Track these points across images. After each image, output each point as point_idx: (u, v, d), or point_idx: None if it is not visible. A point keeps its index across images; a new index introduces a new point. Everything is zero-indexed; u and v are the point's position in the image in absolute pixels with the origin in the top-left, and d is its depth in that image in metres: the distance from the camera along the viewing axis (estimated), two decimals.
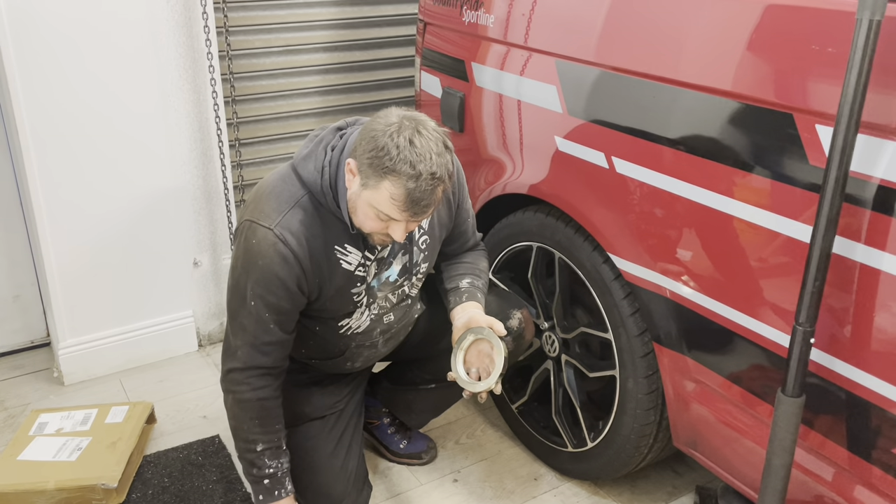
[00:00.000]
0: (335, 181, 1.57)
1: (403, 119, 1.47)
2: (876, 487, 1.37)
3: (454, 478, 2.13)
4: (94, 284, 2.46)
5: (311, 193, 1.59)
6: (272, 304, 1.59)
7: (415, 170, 1.43)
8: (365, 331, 1.79)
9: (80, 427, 2.15)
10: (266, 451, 1.68)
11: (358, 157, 1.49)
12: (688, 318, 1.63)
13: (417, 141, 1.44)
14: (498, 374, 1.64)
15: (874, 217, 1.26)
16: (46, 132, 2.25)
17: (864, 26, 1.15)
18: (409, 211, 1.47)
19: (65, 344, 2.48)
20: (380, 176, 1.45)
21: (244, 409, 1.66)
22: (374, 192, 1.47)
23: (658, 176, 1.60)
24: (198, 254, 2.65)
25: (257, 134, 2.72)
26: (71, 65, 2.23)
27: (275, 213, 1.57)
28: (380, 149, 1.44)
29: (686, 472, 2.15)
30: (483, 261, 1.92)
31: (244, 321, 1.61)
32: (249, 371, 1.64)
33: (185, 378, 2.56)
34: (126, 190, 2.42)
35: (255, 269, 1.57)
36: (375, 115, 1.52)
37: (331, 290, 1.65)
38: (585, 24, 1.74)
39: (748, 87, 1.41)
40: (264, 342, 1.62)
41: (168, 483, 2.07)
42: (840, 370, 1.37)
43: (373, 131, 1.47)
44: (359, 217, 1.55)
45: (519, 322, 1.86)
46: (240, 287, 1.61)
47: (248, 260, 1.58)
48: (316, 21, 2.71)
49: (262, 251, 1.56)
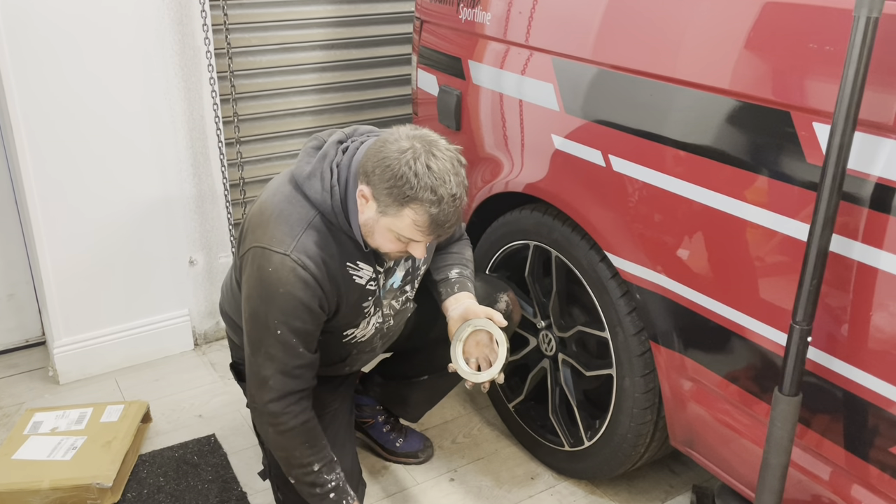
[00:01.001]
0: (345, 200, 1.55)
1: (415, 142, 1.46)
2: (873, 487, 1.36)
3: (451, 477, 2.13)
4: (90, 283, 2.45)
5: (321, 214, 1.57)
6: (298, 328, 1.57)
7: (436, 195, 1.43)
8: (367, 338, 1.79)
9: (74, 426, 2.14)
10: (323, 468, 1.66)
11: (373, 184, 1.47)
12: (685, 317, 1.63)
13: (434, 164, 1.43)
14: (500, 364, 1.66)
15: (871, 215, 1.26)
16: (41, 130, 2.25)
17: (861, 24, 1.15)
18: (434, 234, 1.49)
19: (60, 343, 2.47)
20: (401, 204, 1.44)
21: (291, 437, 1.63)
22: (396, 220, 1.47)
23: (655, 174, 1.59)
24: (194, 252, 2.64)
25: (255, 132, 2.71)
26: (68, 62, 2.22)
27: (288, 238, 1.54)
28: (398, 178, 1.42)
29: (683, 471, 2.14)
30: (468, 249, 1.93)
31: (271, 350, 1.58)
32: (287, 399, 1.61)
33: (180, 377, 2.55)
34: (122, 188, 2.41)
35: (277, 297, 1.54)
36: (384, 138, 1.49)
37: (346, 307, 1.66)
38: (582, 22, 1.73)
39: (745, 84, 1.41)
40: (295, 366, 1.60)
41: (163, 482, 2.06)
42: (837, 369, 1.36)
43: (385, 158, 1.45)
44: (376, 240, 1.55)
45: (507, 305, 1.88)
46: (261, 317, 1.57)
47: (267, 289, 1.55)
48: (313, 18, 2.70)
49: (281, 278, 1.53)
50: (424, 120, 2.36)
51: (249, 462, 2.14)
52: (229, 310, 1.86)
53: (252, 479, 2.06)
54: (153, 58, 2.36)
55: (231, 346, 1.96)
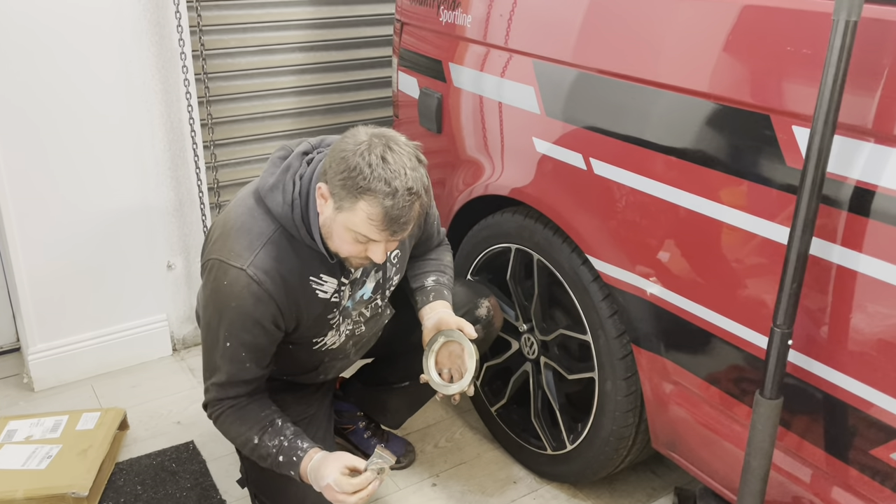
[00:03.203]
0: (307, 213, 1.53)
1: (373, 136, 1.43)
2: (853, 489, 1.37)
3: (433, 482, 2.12)
4: (65, 288, 2.41)
5: (283, 227, 1.54)
6: (248, 342, 1.56)
7: (390, 187, 1.39)
8: (339, 345, 1.78)
9: (50, 434, 2.10)
10: (264, 437, 1.63)
11: (329, 180, 1.44)
12: (666, 320, 1.63)
13: (390, 157, 1.41)
14: (471, 377, 1.66)
15: (850, 218, 1.26)
16: (16, 132, 2.21)
17: (840, 27, 1.15)
18: (389, 230, 1.44)
19: (35, 349, 2.43)
20: (354, 197, 1.41)
21: (228, 424, 1.66)
22: (350, 214, 1.43)
23: (636, 177, 1.59)
24: (171, 256, 2.61)
25: (233, 135, 2.69)
26: (42, 59, 2.19)
27: (246, 252, 1.52)
28: (352, 168, 1.40)
29: (665, 473, 2.15)
30: (447, 255, 1.91)
31: (218, 362, 1.59)
32: (224, 402, 1.65)
33: (158, 383, 2.52)
34: (97, 191, 2.38)
35: (229, 311, 1.53)
36: (343, 136, 1.47)
37: (308, 321, 1.64)
38: (563, 25, 1.73)
39: (725, 88, 1.41)
40: (241, 380, 1.61)
41: (141, 490, 2.03)
42: (818, 371, 1.37)
43: (342, 152, 1.43)
44: (335, 242, 1.51)
45: (487, 310, 1.88)
46: (212, 328, 1.57)
47: (221, 301, 1.54)
48: (291, 21, 2.68)
49: (234, 293, 1.52)
50: (405, 122, 2.35)
51: (229, 469, 2.11)
52: None
53: (231, 487, 2.03)
54: (129, 60, 2.33)
55: None
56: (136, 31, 2.33)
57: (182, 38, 2.39)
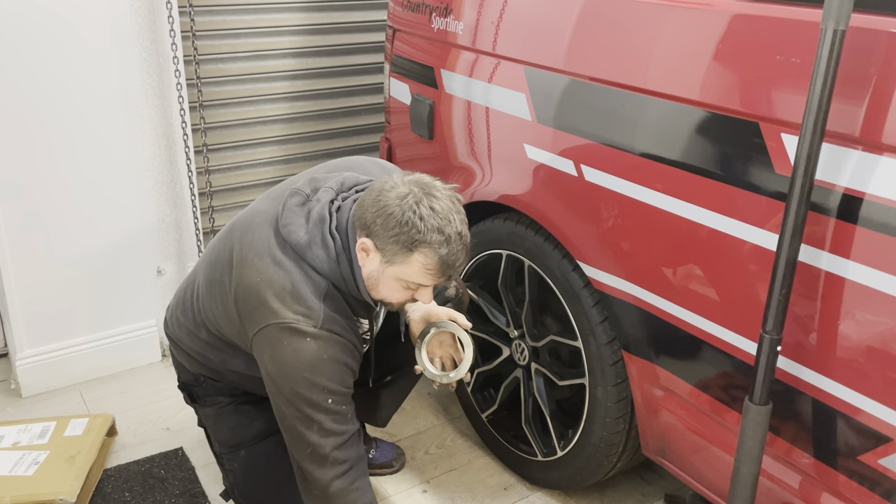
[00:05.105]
0: (352, 266, 1.53)
1: (412, 186, 1.45)
2: (842, 494, 1.38)
3: (423, 489, 2.11)
4: (54, 293, 2.40)
5: (331, 282, 1.54)
6: (344, 393, 1.55)
7: (444, 234, 1.42)
8: None
9: (37, 440, 2.09)
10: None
11: (374, 234, 1.45)
12: (656, 326, 1.63)
13: (437, 206, 1.43)
14: (468, 364, 1.69)
15: (839, 225, 1.27)
16: (3, 135, 2.20)
17: (828, 36, 1.16)
18: (444, 275, 1.47)
19: (23, 354, 2.42)
20: (409, 250, 1.43)
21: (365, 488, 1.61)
22: (404, 267, 1.45)
23: (627, 184, 1.60)
24: (162, 262, 2.60)
25: (225, 140, 2.69)
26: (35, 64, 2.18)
27: (313, 313, 1.50)
28: (403, 224, 1.41)
29: (655, 480, 2.15)
30: None
31: (325, 425, 1.53)
32: (350, 474, 1.58)
33: (147, 389, 2.51)
34: (87, 196, 2.37)
35: (323, 366, 1.50)
36: (378, 187, 1.47)
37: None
38: (554, 33, 1.74)
39: (715, 96, 1.42)
40: (352, 434, 1.58)
41: (129, 497, 2.02)
42: (807, 378, 1.37)
43: (386, 207, 1.43)
44: (381, 292, 1.52)
45: (456, 290, 1.89)
46: (303, 394, 1.51)
47: (310, 363, 1.49)
48: (284, 26, 2.69)
49: (322, 347, 1.50)
50: (397, 129, 2.35)
51: (218, 476, 2.10)
52: (195, 330, 1.73)
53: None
54: (121, 64, 2.33)
55: (179, 369, 1.86)
56: (128, 36, 2.33)
57: (175, 43, 2.39)
